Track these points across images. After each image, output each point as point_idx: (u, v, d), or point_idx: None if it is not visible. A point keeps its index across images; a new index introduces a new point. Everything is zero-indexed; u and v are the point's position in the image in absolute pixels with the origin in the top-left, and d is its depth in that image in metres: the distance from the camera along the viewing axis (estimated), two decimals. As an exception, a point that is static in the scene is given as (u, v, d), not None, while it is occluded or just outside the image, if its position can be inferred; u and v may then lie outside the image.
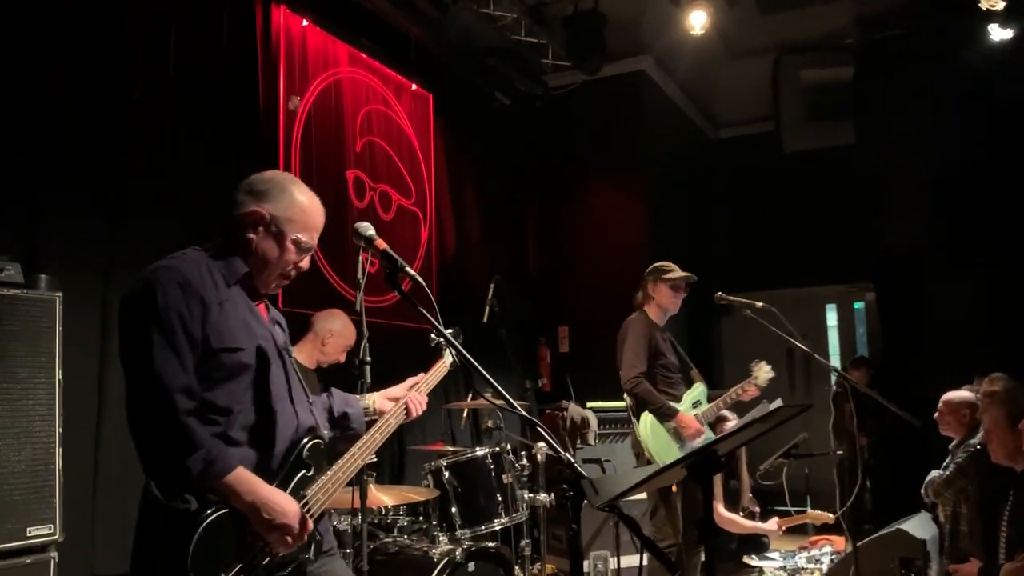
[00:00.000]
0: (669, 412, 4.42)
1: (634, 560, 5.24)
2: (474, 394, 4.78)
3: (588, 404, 6.05)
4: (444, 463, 3.91)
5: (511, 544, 3.95)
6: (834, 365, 4.36)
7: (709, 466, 2.06)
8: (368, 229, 2.38)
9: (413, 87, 6.70)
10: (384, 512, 3.93)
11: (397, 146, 6.43)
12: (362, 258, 2.46)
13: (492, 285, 5.47)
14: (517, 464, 4.22)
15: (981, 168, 7.10)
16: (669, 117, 8.84)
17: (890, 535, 5.45)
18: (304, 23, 5.53)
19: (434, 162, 6.90)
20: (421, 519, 3.97)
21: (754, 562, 6.21)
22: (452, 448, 4.59)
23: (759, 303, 4.42)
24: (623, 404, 4.67)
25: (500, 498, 3.93)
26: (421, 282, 2.30)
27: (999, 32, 6.71)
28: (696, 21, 6.91)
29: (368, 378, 2.53)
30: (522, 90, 7.72)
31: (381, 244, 2.35)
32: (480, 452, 4.02)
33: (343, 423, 2.50)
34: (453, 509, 3.84)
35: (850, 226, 8.30)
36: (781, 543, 6.59)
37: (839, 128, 8.39)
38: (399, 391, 2.62)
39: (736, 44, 8.32)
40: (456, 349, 2.21)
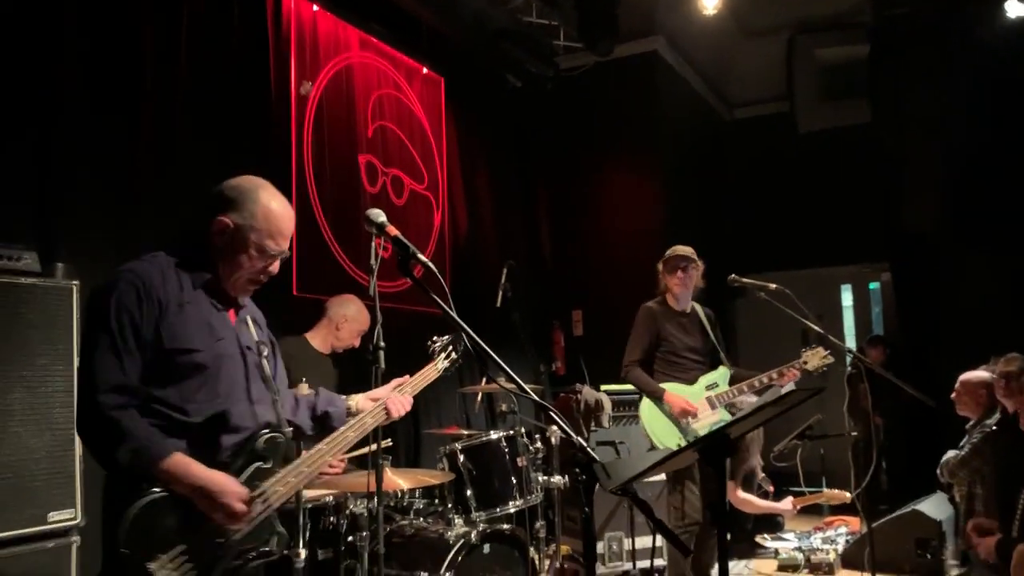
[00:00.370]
0: (657, 393, 4.51)
1: (648, 541, 5.26)
2: (488, 379, 4.80)
3: (602, 387, 6.06)
4: (459, 447, 3.93)
5: (526, 526, 3.97)
6: (849, 346, 4.34)
7: (721, 449, 2.07)
8: (379, 216, 2.39)
9: (424, 71, 6.69)
10: (400, 495, 3.97)
11: (409, 130, 6.43)
12: (375, 244, 2.45)
13: (505, 270, 5.47)
14: (531, 447, 4.23)
15: (998, 146, 7.02)
16: (682, 98, 8.77)
17: (906, 516, 5.46)
18: (315, 8, 5.53)
19: (446, 146, 6.89)
20: (437, 502, 3.99)
21: (768, 542, 6.23)
22: (467, 432, 4.61)
23: (773, 285, 4.41)
24: (634, 387, 4.72)
25: (515, 481, 3.95)
26: (433, 269, 2.31)
27: (1016, 8, 6.62)
28: (709, 0, 6.85)
29: (382, 363, 2.54)
30: (534, 72, 7.68)
31: (392, 231, 2.36)
32: (494, 436, 4.04)
33: (324, 422, 2.55)
34: (468, 492, 3.86)
35: (865, 206, 8.24)
36: (796, 523, 6.61)
37: (855, 107, 8.31)
38: (383, 392, 2.64)
39: (749, 23, 8.24)
40: (468, 336, 2.21)
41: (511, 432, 4.08)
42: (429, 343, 2.91)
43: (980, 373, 4.82)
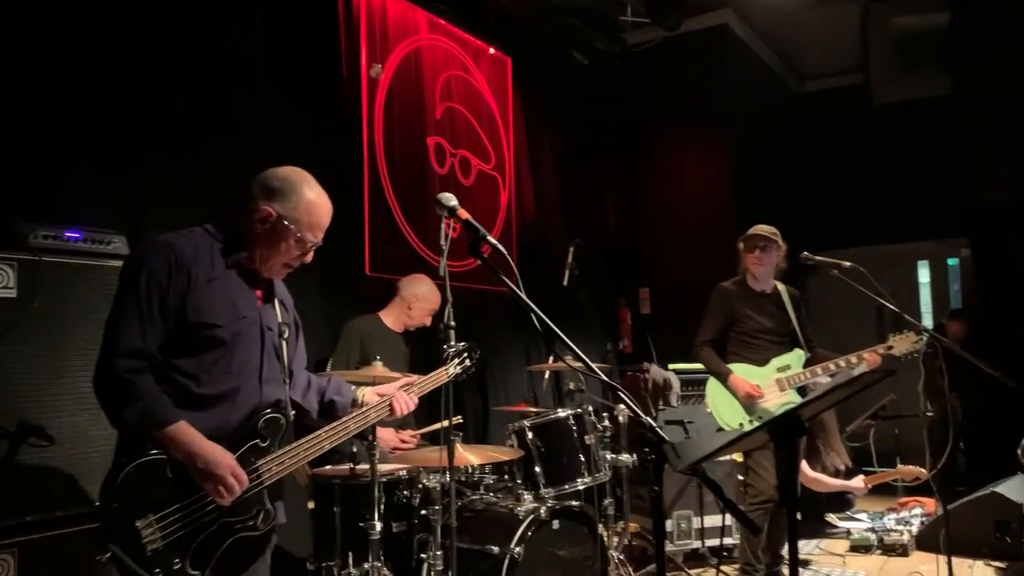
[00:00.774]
0: (724, 374, 4.49)
1: (717, 520, 5.26)
2: (555, 357, 4.85)
3: (670, 366, 6.05)
4: (528, 424, 4.00)
5: (594, 503, 4.01)
6: (925, 325, 4.23)
7: (792, 430, 2.07)
8: (451, 200, 2.45)
9: (491, 51, 6.71)
10: (471, 471, 4.05)
11: (476, 111, 6.47)
12: (444, 224, 2.52)
13: (572, 249, 5.50)
14: (599, 425, 4.27)
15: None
16: (752, 72, 8.60)
17: (984, 498, 5.33)
18: (384, -9, 5.59)
19: (512, 126, 6.91)
20: (506, 478, 4.06)
21: (839, 522, 6.16)
22: (535, 409, 4.68)
23: (846, 263, 4.32)
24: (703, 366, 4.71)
25: (583, 458, 4.00)
26: (503, 250, 2.37)
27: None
28: (780, -29, 6.70)
29: (453, 341, 2.61)
30: (600, 49, 7.63)
31: (463, 214, 2.42)
32: (562, 413, 4.09)
33: (330, 409, 2.64)
34: (537, 468, 3.92)
35: (943, 180, 7.99)
36: (869, 504, 6.52)
37: (933, 77, 8.04)
38: (390, 388, 2.73)
39: (822, -8, 8.02)
40: (537, 315, 2.25)
41: (579, 410, 4.12)
42: (444, 348, 2.93)
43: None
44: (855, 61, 8.78)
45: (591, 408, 4.25)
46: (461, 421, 5.42)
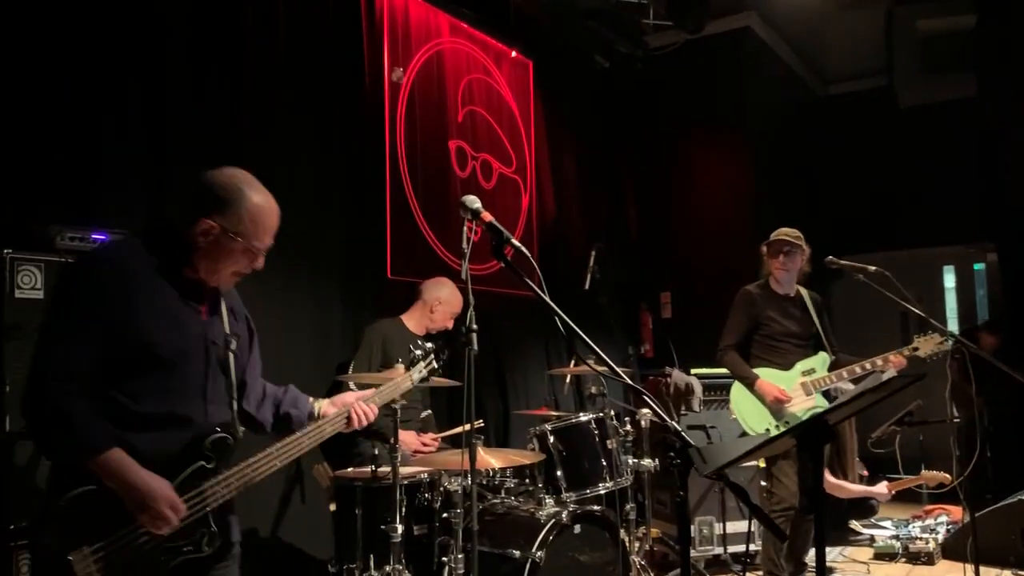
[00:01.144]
0: (750, 379, 4.45)
1: (740, 525, 5.22)
2: (577, 360, 4.83)
3: (692, 370, 6.01)
4: (549, 428, 3.98)
5: (616, 508, 3.99)
6: (951, 330, 4.18)
7: (819, 436, 2.05)
8: (474, 202, 2.44)
9: (513, 54, 6.71)
10: (492, 474, 4.03)
11: (498, 114, 6.47)
12: (466, 227, 2.51)
13: (593, 252, 5.48)
14: (621, 430, 4.25)
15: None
16: (776, 75, 8.55)
17: (1012, 506, 5.25)
18: (406, -5, 5.61)
19: (534, 129, 6.91)
20: (527, 481, 4.05)
21: (863, 529, 6.09)
22: (556, 413, 4.66)
23: (872, 267, 4.29)
24: (727, 371, 4.67)
25: (605, 463, 3.98)
26: (526, 253, 2.35)
27: None
28: (803, -27, 6.66)
29: (475, 345, 2.59)
30: (622, 52, 7.62)
31: (487, 217, 2.41)
32: (584, 417, 4.07)
33: (285, 423, 2.49)
34: (558, 472, 3.91)
35: (969, 184, 7.89)
36: (894, 511, 6.44)
37: (959, 80, 7.95)
38: (348, 397, 2.58)
39: (846, -6, 7.96)
40: (560, 318, 2.24)
41: (601, 414, 4.10)
42: (411, 349, 2.87)
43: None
44: (879, 64, 8.71)
45: (613, 412, 4.24)
46: (482, 425, 5.42)
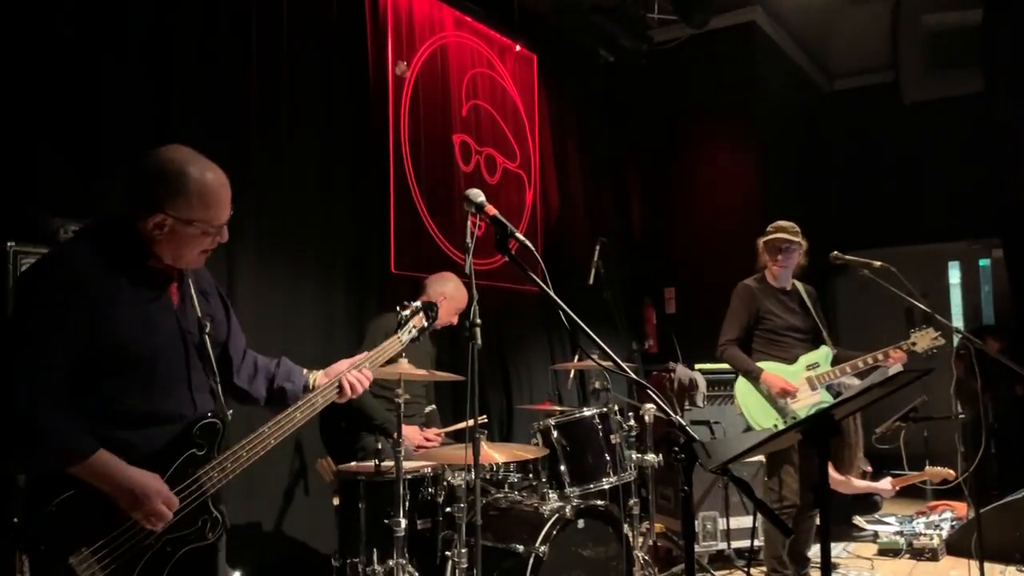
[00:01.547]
0: (755, 373, 4.43)
1: (743, 521, 5.21)
2: (581, 355, 4.82)
3: (696, 366, 6.00)
4: (552, 423, 3.97)
5: (619, 503, 3.98)
6: (956, 326, 4.16)
7: (824, 431, 2.04)
8: (479, 196, 2.43)
9: (517, 48, 6.69)
10: (495, 469, 4.03)
11: (502, 109, 6.46)
12: (470, 222, 2.48)
13: (598, 247, 5.46)
14: (625, 425, 4.24)
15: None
16: (781, 70, 8.52)
17: (1017, 502, 5.24)
18: (410, -11, 5.59)
19: (538, 123, 6.89)
20: (531, 476, 4.04)
21: (867, 525, 6.08)
22: (559, 408, 4.65)
23: (877, 262, 4.28)
24: (730, 366, 4.66)
25: (608, 458, 3.97)
26: (531, 247, 2.33)
27: None
28: (809, -32, 6.63)
29: (479, 340, 2.58)
30: (627, 47, 7.59)
31: (491, 210, 2.40)
32: (588, 412, 4.06)
33: (279, 397, 2.44)
34: (562, 467, 3.90)
35: (975, 179, 7.86)
36: (899, 507, 6.43)
37: (965, 76, 7.91)
38: (340, 366, 2.51)
39: (852, -11, 7.93)
40: (565, 313, 2.23)
41: (604, 409, 4.10)
42: (398, 309, 2.79)
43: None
44: (885, 59, 8.67)
45: (617, 407, 4.23)
46: (486, 420, 5.42)
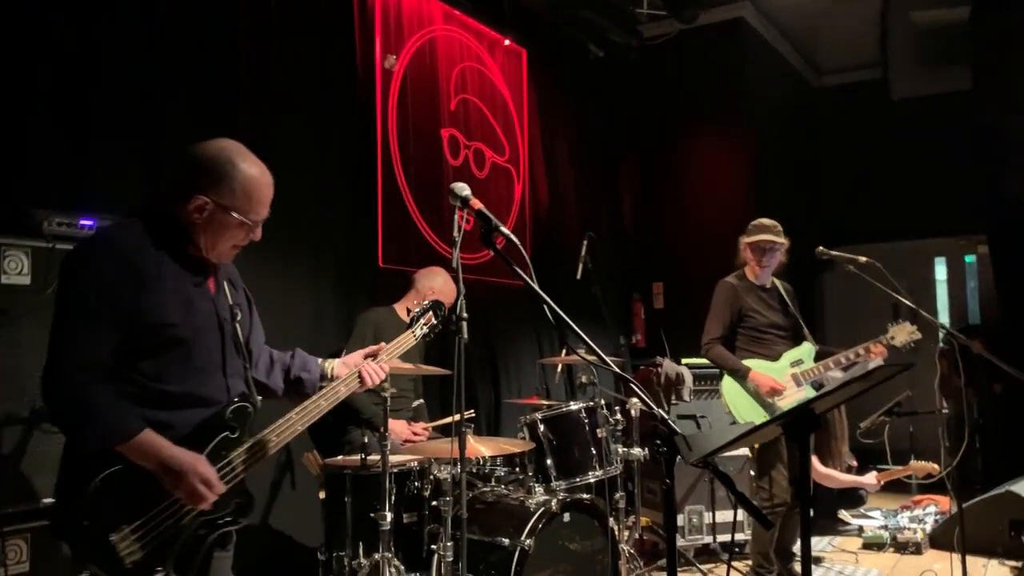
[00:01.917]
0: (742, 371, 4.44)
1: (729, 515, 5.24)
2: (568, 350, 4.83)
3: (683, 360, 6.03)
4: (539, 416, 3.99)
5: (605, 497, 4.00)
6: (942, 322, 4.18)
7: (806, 425, 2.05)
8: (464, 189, 2.43)
9: (506, 42, 6.68)
10: (482, 462, 4.04)
11: (491, 103, 6.45)
12: (457, 216, 2.48)
13: (585, 242, 5.48)
14: (611, 419, 4.26)
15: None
16: (769, 66, 8.54)
17: (999, 496, 5.28)
18: (399, -18, 5.58)
19: (527, 118, 6.89)
20: (517, 470, 4.06)
21: (852, 519, 6.12)
22: (547, 402, 4.67)
23: (863, 258, 4.30)
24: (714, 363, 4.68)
25: (594, 451, 3.99)
26: (516, 241, 2.34)
27: None
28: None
29: (465, 334, 2.59)
30: (617, 42, 7.60)
31: (476, 204, 2.40)
32: (574, 406, 4.08)
33: (297, 387, 2.50)
34: (548, 461, 3.92)
35: (962, 176, 7.90)
36: (883, 502, 6.47)
37: (954, 73, 7.95)
38: (357, 358, 2.59)
39: (841, -15, 7.95)
40: (550, 307, 2.24)
41: (591, 403, 4.11)
42: (409, 309, 2.84)
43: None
44: (874, 56, 8.71)
45: (603, 401, 4.24)
46: (473, 415, 5.42)
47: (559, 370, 5.61)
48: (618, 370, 2.19)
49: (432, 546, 3.54)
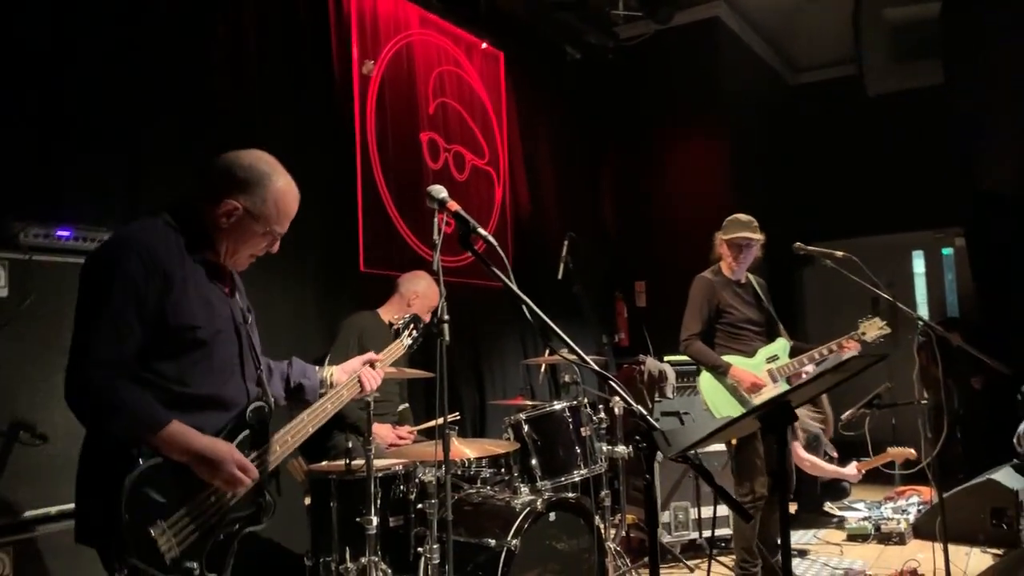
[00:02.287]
0: (722, 367, 4.46)
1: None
2: (551, 350, 4.86)
3: (666, 358, 6.07)
4: (524, 417, 4.00)
5: (591, 495, 4.02)
6: (920, 315, 4.22)
7: (782, 417, 2.08)
8: (441, 192, 2.44)
9: (483, 46, 6.70)
10: (467, 464, 4.04)
11: (469, 106, 6.47)
12: (438, 219, 2.49)
13: (566, 242, 5.50)
14: (595, 417, 4.28)
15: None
16: (745, 64, 8.61)
17: (980, 485, 5.35)
18: (374, -13, 5.58)
19: (506, 121, 6.91)
20: (503, 471, 4.07)
21: (836, 511, 6.18)
22: (531, 402, 4.68)
23: (840, 252, 4.33)
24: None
25: (579, 450, 4.01)
26: (493, 243, 2.35)
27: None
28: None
29: (447, 336, 2.60)
30: (593, 43, 7.64)
31: (453, 206, 2.41)
32: (558, 406, 4.10)
33: (298, 394, 2.57)
34: (533, 461, 3.93)
35: (938, 170, 8.00)
36: (866, 493, 6.53)
37: (926, 68, 8.03)
38: (355, 364, 2.69)
39: (813, -17, 8.02)
40: (530, 308, 2.25)
41: (575, 402, 4.13)
42: (392, 322, 3.00)
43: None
44: (848, 52, 8.78)
45: (587, 400, 4.26)
46: (458, 417, 5.43)
47: (543, 370, 5.63)
48: (597, 368, 2.21)
49: (419, 549, 3.54)
